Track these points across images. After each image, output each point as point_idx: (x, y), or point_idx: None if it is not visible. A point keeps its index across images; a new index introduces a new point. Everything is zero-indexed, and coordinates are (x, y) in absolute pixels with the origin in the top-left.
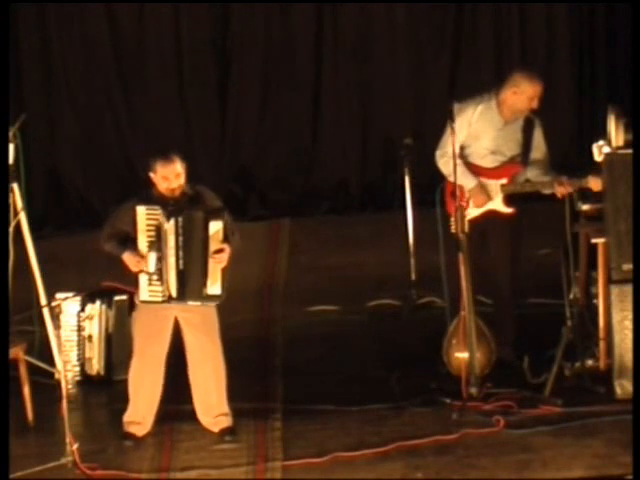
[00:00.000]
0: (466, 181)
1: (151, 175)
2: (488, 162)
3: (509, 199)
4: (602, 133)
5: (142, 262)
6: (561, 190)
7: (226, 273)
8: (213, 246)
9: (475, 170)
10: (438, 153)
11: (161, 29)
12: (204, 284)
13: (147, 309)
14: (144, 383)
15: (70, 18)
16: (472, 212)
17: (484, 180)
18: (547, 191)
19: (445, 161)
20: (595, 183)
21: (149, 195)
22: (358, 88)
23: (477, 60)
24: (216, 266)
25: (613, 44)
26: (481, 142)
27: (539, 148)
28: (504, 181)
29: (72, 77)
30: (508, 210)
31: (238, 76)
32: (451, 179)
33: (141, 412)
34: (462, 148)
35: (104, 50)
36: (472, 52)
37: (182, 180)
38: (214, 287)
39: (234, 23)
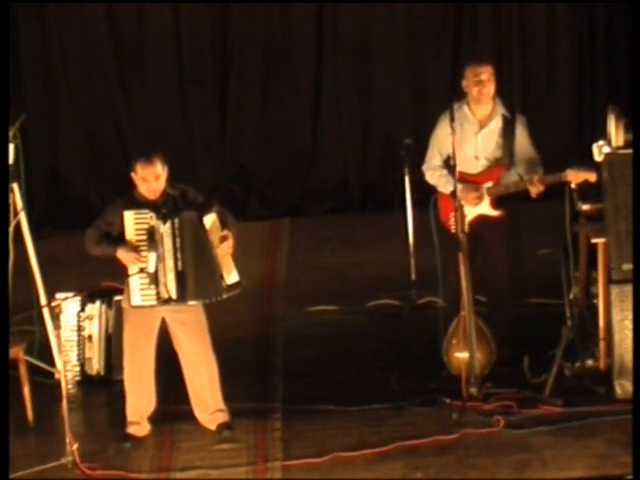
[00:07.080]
0: (452, 187)
1: (132, 176)
2: (472, 168)
3: (497, 202)
4: (602, 133)
5: (140, 258)
6: (534, 190)
7: (236, 258)
8: (215, 238)
9: (461, 177)
10: (423, 168)
11: (161, 29)
12: (221, 277)
13: (135, 311)
14: (137, 384)
15: (70, 18)
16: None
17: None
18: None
19: (430, 174)
20: (573, 176)
21: (132, 197)
22: (358, 88)
23: (477, 60)
24: (226, 256)
25: (613, 44)
26: (463, 149)
27: (522, 147)
28: (489, 184)
29: (72, 77)
30: (496, 213)
31: (238, 76)
32: (440, 189)
33: (138, 412)
34: (448, 158)
35: (104, 50)
36: (472, 52)
37: (162, 182)
38: (231, 276)
39: (234, 23)
